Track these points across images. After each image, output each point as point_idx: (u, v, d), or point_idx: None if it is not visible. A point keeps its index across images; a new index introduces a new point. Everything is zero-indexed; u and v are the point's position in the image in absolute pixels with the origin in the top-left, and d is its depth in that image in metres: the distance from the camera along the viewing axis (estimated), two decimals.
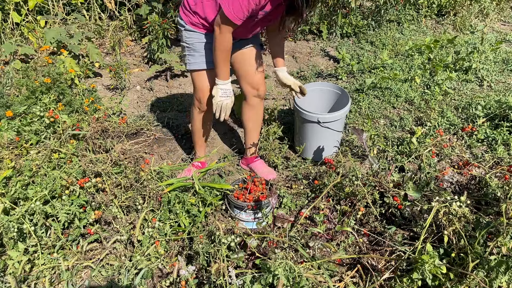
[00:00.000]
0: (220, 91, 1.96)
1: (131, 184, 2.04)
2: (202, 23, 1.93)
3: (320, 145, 2.46)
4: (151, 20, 3.65)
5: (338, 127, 2.43)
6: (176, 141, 2.85)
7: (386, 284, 1.58)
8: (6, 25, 3.82)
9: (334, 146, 2.50)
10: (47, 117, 2.26)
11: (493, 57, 3.94)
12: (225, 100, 1.97)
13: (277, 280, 1.43)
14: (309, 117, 2.34)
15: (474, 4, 5.37)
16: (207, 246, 1.67)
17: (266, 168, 2.45)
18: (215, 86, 1.98)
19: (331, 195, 2.08)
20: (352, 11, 4.70)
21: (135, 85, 3.63)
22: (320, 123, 2.32)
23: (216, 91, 1.97)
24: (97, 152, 2.32)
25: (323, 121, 2.32)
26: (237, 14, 1.71)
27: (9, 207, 1.80)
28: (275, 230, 1.85)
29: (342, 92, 2.57)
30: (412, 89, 3.40)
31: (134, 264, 1.74)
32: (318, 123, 2.33)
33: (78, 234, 1.87)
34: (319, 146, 2.47)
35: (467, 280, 1.39)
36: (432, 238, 1.65)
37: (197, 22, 1.94)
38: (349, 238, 1.85)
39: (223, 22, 1.76)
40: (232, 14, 1.70)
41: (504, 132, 2.62)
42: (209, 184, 2.09)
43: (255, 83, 2.18)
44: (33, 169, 1.98)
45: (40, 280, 1.69)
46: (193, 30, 1.97)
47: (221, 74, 1.93)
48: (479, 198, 1.94)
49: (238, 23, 1.75)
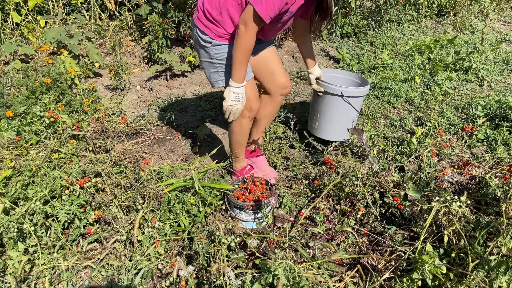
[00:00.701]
0: (232, 95, 1.88)
1: (131, 184, 2.04)
2: (229, 33, 1.85)
3: (337, 122, 2.51)
4: (151, 20, 3.65)
5: (357, 106, 2.50)
6: (176, 141, 2.85)
7: (386, 284, 1.58)
8: (6, 25, 3.83)
9: (348, 128, 2.55)
10: (47, 117, 2.26)
11: (493, 57, 3.95)
12: (236, 104, 1.91)
13: (277, 280, 1.43)
14: (332, 90, 2.39)
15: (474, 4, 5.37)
16: (207, 246, 1.67)
17: (268, 167, 2.44)
18: (228, 87, 1.90)
19: (331, 195, 2.09)
20: (352, 11, 4.70)
21: (135, 85, 3.63)
22: (343, 96, 2.38)
23: (229, 94, 1.89)
24: (97, 152, 2.32)
25: (346, 95, 2.38)
26: (269, 12, 1.67)
27: (9, 207, 1.80)
28: (275, 230, 1.85)
29: (362, 80, 2.65)
30: (412, 89, 3.40)
31: (134, 264, 1.74)
32: (341, 97, 2.38)
33: (78, 234, 1.87)
34: (335, 124, 2.51)
35: (467, 280, 1.39)
36: (432, 238, 1.65)
37: (224, 34, 1.85)
38: (349, 238, 1.85)
39: (252, 20, 1.69)
40: (265, 11, 1.66)
41: (504, 132, 2.62)
42: (209, 184, 2.09)
43: (284, 81, 2.19)
44: (33, 169, 1.98)
45: (40, 280, 1.69)
46: (221, 44, 1.88)
47: (236, 76, 1.84)
48: (479, 198, 1.94)
49: (267, 21, 1.70)
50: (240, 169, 2.36)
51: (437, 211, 1.59)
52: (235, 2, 1.78)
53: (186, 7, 4.02)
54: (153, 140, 2.84)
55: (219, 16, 1.81)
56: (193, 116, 3.18)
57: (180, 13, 3.98)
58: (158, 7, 4.05)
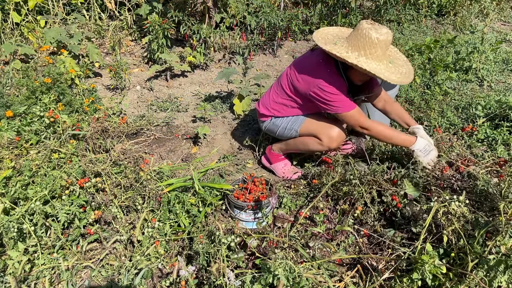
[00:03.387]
0: (420, 153, 2.03)
1: (131, 184, 2.04)
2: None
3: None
4: (151, 20, 3.65)
5: None
6: (176, 141, 2.85)
7: (386, 284, 1.58)
8: (6, 25, 3.83)
9: (386, 123, 2.60)
10: (47, 117, 2.26)
11: (493, 57, 3.94)
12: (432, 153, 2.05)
13: (277, 280, 1.43)
14: None
15: (474, 4, 5.37)
16: (207, 246, 1.67)
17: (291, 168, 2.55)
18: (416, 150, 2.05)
19: (330, 195, 2.09)
20: (352, 11, 4.70)
21: (135, 85, 3.63)
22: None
23: (417, 155, 2.03)
24: (97, 152, 2.32)
25: None
26: (348, 104, 2.06)
27: (9, 207, 1.80)
28: (275, 230, 1.85)
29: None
30: (412, 89, 3.40)
31: (134, 264, 1.74)
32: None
33: (78, 234, 1.87)
34: None
35: (467, 280, 1.39)
36: (431, 238, 1.65)
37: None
38: (349, 238, 1.85)
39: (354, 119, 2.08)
40: (347, 106, 2.05)
41: (504, 132, 2.62)
42: (209, 184, 2.09)
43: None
44: (33, 169, 1.98)
45: (40, 280, 1.69)
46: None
47: (406, 142, 2.06)
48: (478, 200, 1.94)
49: (354, 107, 2.07)
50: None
51: (436, 211, 1.59)
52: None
53: (186, 7, 4.02)
54: (153, 140, 2.84)
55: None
56: (193, 116, 3.18)
57: (180, 13, 3.98)
58: (158, 7, 4.05)
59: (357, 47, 1.89)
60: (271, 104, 2.32)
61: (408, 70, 2.01)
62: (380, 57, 1.89)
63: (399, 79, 1.92)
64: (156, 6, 4.05)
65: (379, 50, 1.87)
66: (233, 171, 2.54)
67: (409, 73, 2.00)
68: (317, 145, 2.22)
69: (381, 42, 1.85)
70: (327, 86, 2.01)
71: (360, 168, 2.04)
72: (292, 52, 4.46)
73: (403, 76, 1.95)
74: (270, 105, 2.32)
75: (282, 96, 2.26)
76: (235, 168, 2.57)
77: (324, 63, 2.06)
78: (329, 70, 2.04)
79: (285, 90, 2.23)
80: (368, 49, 1.87)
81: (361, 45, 1.88)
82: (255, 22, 4.23)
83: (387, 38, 1.87)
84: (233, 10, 4.26)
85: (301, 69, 2.14)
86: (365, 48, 1.87)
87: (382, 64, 1.90)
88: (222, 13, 4.19)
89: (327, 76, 2.02)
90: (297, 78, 2.14)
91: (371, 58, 1.89)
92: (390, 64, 1.93)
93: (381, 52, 1.88)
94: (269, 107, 2.33)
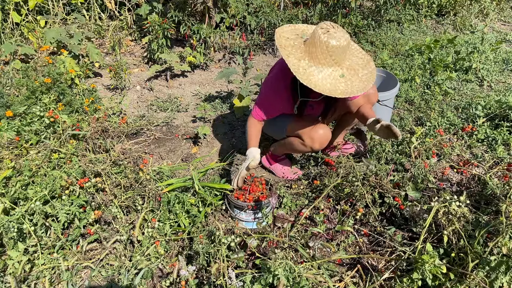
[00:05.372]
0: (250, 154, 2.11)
1: (131, 184, 2.04)
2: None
3: None
4: (151, 20, 3.65)
5: (391, 104, 2.73)
6: (176, 141, 2.85)
7: (386, 284, 1.58)
8: (6, 25, 3.82)
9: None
10: (47, 117, 2.26)
11: (493, 57, 3.94)
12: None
13: (277, 280, 1.43)
14: None
15: (474, 4, 5.37)
16: (207, 246, 1.67)
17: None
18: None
19: (331, 196, 2.08)
20: (352, 11, 4.70)
21: (135, 85, 3.63)
22: (379, 101, 2.47)
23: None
24: (97, 152, 2.32)
25: (382, 100, 2.50)
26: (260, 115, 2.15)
27: (9, 207, 1.80)
28: (275, 230, 1.85)
29: (387, 74, 2.83)
30: (412, 89, 3.40)
31: (134, 264, 1.74)
32: (377, 102, 2.47)
33: (78, 234, 1.86)
34: None
35: (467, 280, 1.39)
36: (432, 238, 1.65)
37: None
38: (349, 238, 1.85)
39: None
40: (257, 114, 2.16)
41: (504, 132, 2.62)
42: (209, 184, 2.09)
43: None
44: (33, 169, 1.98)
45: (40, 280, 1.69)
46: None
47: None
48: (479, 198, 1.94)
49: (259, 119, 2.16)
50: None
51: (436, 211, 1.59)
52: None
53: (186, 7, 4.01)
54: (153, 140, 2.83)
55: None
56: (193, 116, 3.18)
57: (180, 13, 3.98)
58: (158, 7, 4.05)
59: (308, 52, 1.79)
60: None
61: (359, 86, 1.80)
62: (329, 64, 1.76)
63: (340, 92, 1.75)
64: (156, 6, 4.05)
65: (328, 58, 1.75)
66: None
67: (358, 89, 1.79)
68: (301, 146, 2.20)
69: (331, 48, 1.71)
70: (269, 82, 2.11)
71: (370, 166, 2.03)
72: None
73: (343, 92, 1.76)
74: None
75: None
76: (235, 168, 2.57)
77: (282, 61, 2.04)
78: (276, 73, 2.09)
79: None
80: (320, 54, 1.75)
81: (312, 50, 1.76)
82: (255, 22, 4.22)
83: (337, 43, 1.70)
84: (233, 10, 4.25)
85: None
86: (317, 53, 1.75)
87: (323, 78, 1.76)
88: (222, 13, 4.19)
89: (272, 76, 2.10)
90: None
91: (315, 70, 1.76)
92: (340, 78, 1.78)
93: (331, 60, 1.76)
94: None
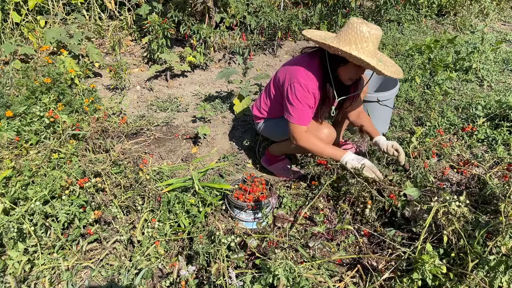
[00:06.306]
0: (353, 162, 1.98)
1: (131, 184, 2.04)
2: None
3: (378, 123, 2.65)
4: (151, 20, 3.65)
5: (391, 104, 2.76)
6: (176, 141, 2.85)
7: (386, 284, 1.58)
8: (6, 25, 3.82)
9: (386, 123, 2.83)
10: (47, 117, 2.26)
11: (493, 57, 3.94)
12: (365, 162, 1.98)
13: (277, 280, 1.43)
14: (369, 98, 2.58)
15: (474, 4, 5.38)
16: (207, 246, 1.67)
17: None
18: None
19: (330, 196, 2.08)
20: (352, 11, 4.71)
21: (135, 85, 3.63)
22: (379, 101, 2.57)
23: (351, 165, 1.97)
24: (97, 152, 2.32)
25: (382, 99, 2.58)
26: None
27: (9, 207, 1.80)
28: (275, 230, 1.85)
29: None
30: (412, 89, 3.40)
31: (134, 264, 1.74)
32: (378, 102, 2.56)
33: (78, 234, 1.86)
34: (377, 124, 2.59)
35: (467, 280, 1.39)
36: (431, 238, 1.65)
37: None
38: (349, 238, 1.85)
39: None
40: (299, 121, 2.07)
41: (504, 132, 2.62)
42: (209, 184, 2.09)
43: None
44: (33, 169, 1.98)
45: (40, 280, 1.69)
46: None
47: (336, 155, 2.02)
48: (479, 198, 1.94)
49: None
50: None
51: (436, 211, 1.59)
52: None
53: (186, 7, 4.02)
54: (153, 140, 2.83)
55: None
56: (193, 116, 3.18)
57: (180, 13, 3.98)
58: (158, 7, 4.05)
59: (348, 41, 1.85)
60: (262, 106, 2.34)
61: (397, 70, 2.00)
62: (372, 53, 1.86)
63: (392, 73, 1.90)
64: (156, 6, 4.05)
65: (370, 45, 1.83)
66: (233, 171, 2.54)
67: (399, 72, 1.99)
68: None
69: (373, 36, 1.82)
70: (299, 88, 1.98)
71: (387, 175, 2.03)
72: (292, 52, 4.46)
73: (394, 73, 1.93)
74: (261, 107, 2.35)
75: (271, 98, 2.28)
76: (235, 168, 2.57)
77: (308, 59, 2.05)
78: (309, 65, 2.01)
79: (273, 92, 2.25)
80: (360, 43, 1.83)
81: (352, 39, 1.84)
82: (255, 22, 4.22)
83: (378, 33, 1.84)
84: (233, 10, 4.25)
85: (285, 65, 2.16)
86: (357, 42, 1.83)
87: (374, 60, 1.86)
88: (222, 13, 4.19)
89: (303, 73, 1.99)
90: (280, 76, 2.15)
91: (363, 53, 1.85)
92: (380, 63, 1.90)
93: (373, 47, 1.85)
94: (260, 109, 2.36)
